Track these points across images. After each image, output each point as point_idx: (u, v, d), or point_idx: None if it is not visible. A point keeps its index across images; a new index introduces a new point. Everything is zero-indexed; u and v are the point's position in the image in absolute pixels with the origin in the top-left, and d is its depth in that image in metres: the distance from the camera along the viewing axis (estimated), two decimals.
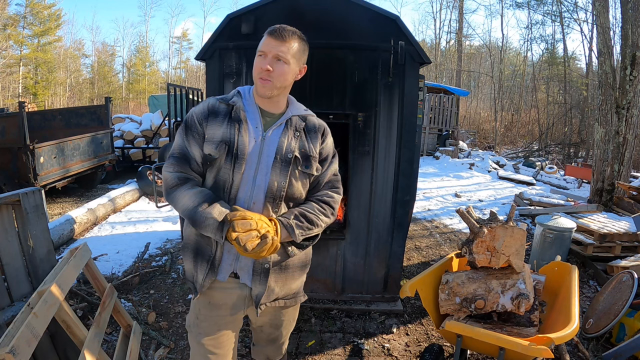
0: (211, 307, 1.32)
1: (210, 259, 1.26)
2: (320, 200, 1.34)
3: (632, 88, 5.21)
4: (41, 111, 9.17)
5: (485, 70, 22.08)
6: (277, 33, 1.20)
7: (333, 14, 2.48)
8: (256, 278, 1.28)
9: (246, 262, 1.27)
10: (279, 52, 1.20)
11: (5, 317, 1.92)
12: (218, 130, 1.23)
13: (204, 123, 1.25)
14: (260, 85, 1.22)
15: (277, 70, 1.20)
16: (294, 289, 1.40)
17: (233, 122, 1.24)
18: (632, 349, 2.24)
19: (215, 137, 1.23)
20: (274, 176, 1.24)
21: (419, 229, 5.10)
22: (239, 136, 1.23)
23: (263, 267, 1.27)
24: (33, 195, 2.24)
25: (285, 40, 1.20)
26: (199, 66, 29.80)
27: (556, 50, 18.49)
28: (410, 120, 2.60)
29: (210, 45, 2.49)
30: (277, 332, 1.49)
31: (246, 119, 1.26)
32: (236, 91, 1.33)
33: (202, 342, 1.33)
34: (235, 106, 1.26)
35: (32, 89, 22.87)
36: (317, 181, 1.36)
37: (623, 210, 5.07)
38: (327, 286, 2.86)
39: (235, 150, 1.22)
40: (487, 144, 14.93)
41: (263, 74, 1.20)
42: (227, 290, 1.30)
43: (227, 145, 1.22)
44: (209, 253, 1.26)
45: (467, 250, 2.07)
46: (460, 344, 1.92)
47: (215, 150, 1.22)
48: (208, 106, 1.27)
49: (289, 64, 1.22)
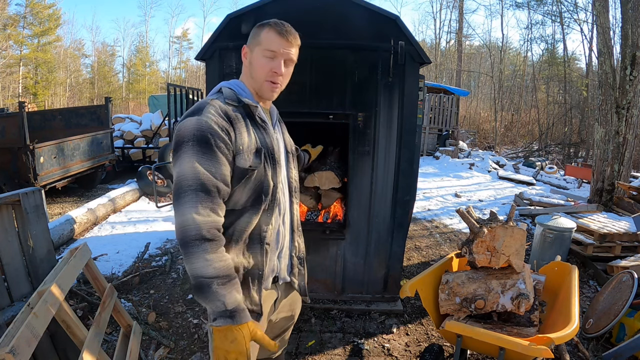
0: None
1: (261, 275, 1.16)
2: None
3: (632, 88, 5.21)
4: (41, 111, 9.16)
5: (485, 70, 22.07)
6: (288, 34, 1.13)
7: (333, 13, 2.48)
8: (295, 270, 1.31)
9: (285, 260, 1.28)
10: (290, 55, 1.14)
11: (5, 317, 1.92)
12: (249, 137, 1.10)
13: (232, 133, 1.05)
14: (269, 88, 1.15)
15: (286, 74, 1.17)
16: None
17: (256, 124, 1.15)
18: (632, 349, 2.24)
19: (250, 145, 1.09)
20: (291, 171, 1.26)
21: (419, 229, 5.10)
22: (269, 138, 1.16)
23: (300, 256, 1.32)
24: (33, 195, 2.24)
25: (296, 43, 1.16)
26: (199, 66, 29.82)
27: (556, 50, 18.53)
28: (410, 120, 2.60)
29: (210, 45, 2.49)
30: (290, 322, 1.46)
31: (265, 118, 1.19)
32: (229, 89, 1.18)
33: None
34: (257, 108, 1.15)
35: (32, 89, 22.86)
36: None
37: (623, 210, 5.07)
38: (327, 286, 2.86)
39: (272, 154, 1.15)
40: (487, 144, 14.93)
41: (275, 78, 1.13)
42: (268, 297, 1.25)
43: (264, 150, 1.12)
44: (259, 271, 1.16)
45: (467, 250, 2.07)
46: (460, 344, 1.92)
47: (257, 160, 1.09)
48: (223, 112, 1.06)
49: (293, 66, 1.21)
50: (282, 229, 1.24)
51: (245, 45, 1.19)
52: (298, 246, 1.32)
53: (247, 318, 1.01)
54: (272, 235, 1.19)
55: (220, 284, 0.98)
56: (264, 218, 1.15)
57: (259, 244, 1.15)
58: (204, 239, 0.97)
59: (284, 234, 1.25)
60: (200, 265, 0.97)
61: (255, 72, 1.15)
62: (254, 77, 1.16)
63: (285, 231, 1.26)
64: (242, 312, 1.00)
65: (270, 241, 1.19)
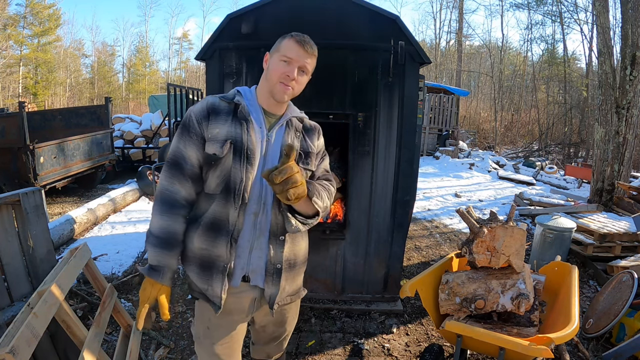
0: (222, 315, 1.28)
1: (225, 268, 1.23)
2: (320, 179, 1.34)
3: (632, 88, 5.21)
4: (41, 111, 9.17)
5: (485, 70, 22.06)
6: (306, 44, 1.22)
7: (333, 14, 2.48)
8: (269, 279, 1.28)
9: (258, 263, 1.27)
10: (305, 63, 1.23)
11: (5, 317, 1.92)
12: (222, 129, 1.21)
13: (203, 123, 1.22)
14: (281, 89, 1.22)
15: (299, 81, 1.24)
16: (298, 284, 1.41)
17: (238, 120, 1.23)
18: (632, 349, 2.24)
19: (219, 135, 1.21)
20: None
21: (419, 229, 5.10)
22: (247, 135, 1.21)
23: (275, 267, 1.27)
24: (33, 195, 2.24)
25: (311, 54, 1.23)
26: (199, 66, 29.81)
27: (556, 50, 18.52)
28: (410, 120, 2.60)
29: (210, 45, 2.49)
30: (281, 329, 1.48)
31: (252, 119, 1.25)
32: (235, 90, 1.31)
33: (216, 352, 1.31)
34: (241, 105, 1.25)
35: (32, 89, 22.86)
36: (311, 176, 1.36)
37: (623, 210, 5.07)
38: (327, 286, 2.86)
39: (246, 150, 1.21)
40: (487, 144, 14.92)
41: (287, 80, 1.21)
42: (239, 295, 1.29)
43: (232, 144, 1.20)
44: (223, 263, 1.23)
45: (467, 250, 2.07)
46: (460, 344, 1.92)
47: (220, 149, 1.20)
48: (207, 105, 1.25)
49: (308, 76, 1.27)
50: (254, 230, 1.24)
51: (268, 52, 1.29)
52: (274, 255, 1.26)
53: (158, 278, 1.21)
54: (242, 233, 1.23)
55: (155, 242, 1.21)
56: (233, 212, 1.21)
57: (225, 237, 1.21)
58: (161, 201, 1.23)
59: (258, 237, 1.25)
60: (152, 220, 1.24)
61: (270, 75, 1.23)
62: (268, 79, 1.24)
63: (260, 234, 1.25)
64: (157, 272, 1.21)
65: (238, 238, 1.23)
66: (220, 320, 1.30)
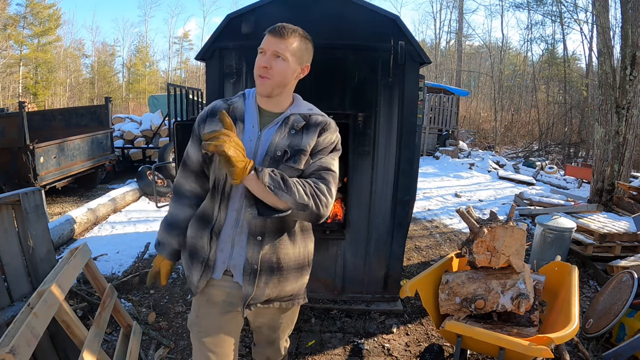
0: (209, 305, 1.33)
1: (204, 260, 1.29)
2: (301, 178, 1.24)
3: (632, 88, 5.21)
4: (41, 111, 9.17)
5: (485, 70, 22.07)
6: (276, 31, 1.20)
7: (333, 13, 2.48)
8: (246, 278, 1.26)
9: (238, 260, 1.27)
10: (277, 49, 1.19)
11: (5, 317, 1.92)
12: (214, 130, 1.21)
13: (201, 125, 1.31)
14: (259, 83, 1.22)
15: (275, 68, 1.19)
16: (290, 291, 1.34)
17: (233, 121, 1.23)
18: (632, 349, 2.24)
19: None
20: None
21: (419, 229, 5.10)
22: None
23: (252, 267, 1.25)
24: (33, 195, 2.24)
25: (284, 38, 1.19)
26: (199, 66, 29.80)
27: (556, 50, 18.52)
28: (410, 120, 2.60)
29: (210, 45, 2.49)
30: (274, 334, 1.48)
31: (242, 119, 1.27)
32: (241, 93, 1.36)
33: (202, 341, 1.34)
34: (232, 106, 1.29)
35: (32, 89, 22.85)
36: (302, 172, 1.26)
37: (623, 210, 5.07)
38: (327, 286, 2.86)
39: None
40: (487, 144, 14.92)
41: (262, 71, 1.20)
42: (223, 287, 1.32)
43: None
44: (203, 254, 1.29)
45: (467, 250, 2.07)
46: (460, 344, 1.92)
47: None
48: (209, 108, 1.33)
49: (288, 62, 1.20)
50: (235, 227, 1.25)
51: None
52: (251, 255, 1.25)
53: (161, 251, 1.44)
54: (224, 228, 1.27)
55: (163, 222, 1.44)
56: (215, 206, 1.28)
57: (208, 229, 1.28)
58: (173, 192, 1.44)
59: (239, 234, 1.25)
60: (168, 207, 1.45)
61: (253, 73, 1.25)
62: (254, 77, 1.25)
63: (241, 232, 1.25)
64: (161, 247, 1.43)
65: (220, 232, 1.27)
66: (207, 310, 1.34)
